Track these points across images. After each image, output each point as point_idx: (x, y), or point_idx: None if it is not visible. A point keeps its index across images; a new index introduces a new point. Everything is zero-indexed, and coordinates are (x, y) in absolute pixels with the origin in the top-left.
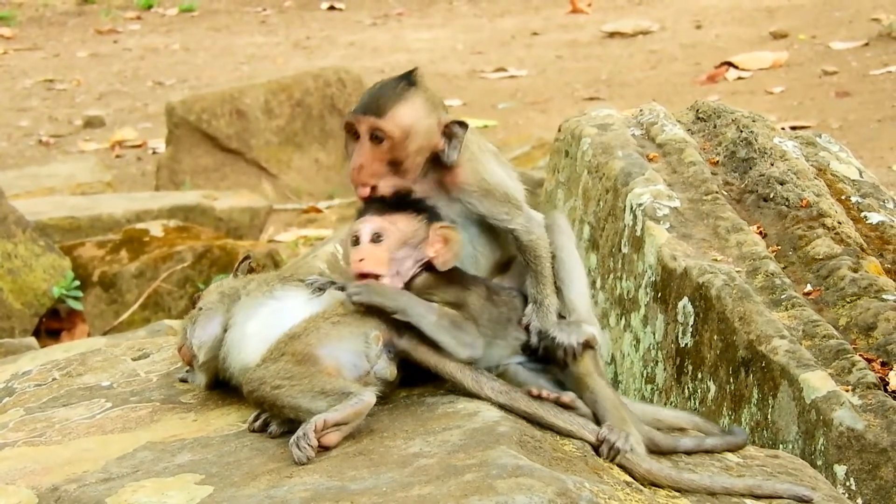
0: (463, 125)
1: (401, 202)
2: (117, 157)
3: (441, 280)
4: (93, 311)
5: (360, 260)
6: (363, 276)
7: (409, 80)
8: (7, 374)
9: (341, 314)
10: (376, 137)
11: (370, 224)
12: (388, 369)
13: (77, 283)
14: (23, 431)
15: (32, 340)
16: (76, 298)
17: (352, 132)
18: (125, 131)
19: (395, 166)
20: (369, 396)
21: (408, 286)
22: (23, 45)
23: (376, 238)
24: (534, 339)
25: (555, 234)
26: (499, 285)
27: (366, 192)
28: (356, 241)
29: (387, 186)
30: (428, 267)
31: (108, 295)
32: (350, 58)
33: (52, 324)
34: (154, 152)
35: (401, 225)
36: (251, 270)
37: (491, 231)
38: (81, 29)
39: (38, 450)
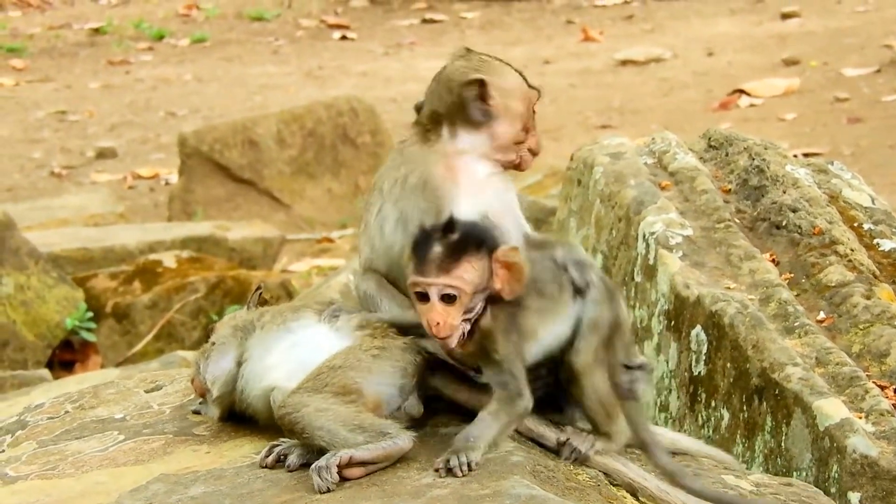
0: None
1: (461, 242)
2: (130, 188)
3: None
4: (106, 342)
5: (437, 324)
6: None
7: None
8: (20, 406)
9: (379, 346)
10: None
11: (438, 286)
12: (417, 406)
13: (90, 314)
14: (35, 464)
15: (45, 372)
16: (89, 330)
17: None
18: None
19: None
20: (405, 441)
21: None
22: (35, 76)
23: (448, 299)
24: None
25: None
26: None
27: None
28: (424, 298)
29: None
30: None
31: (121, 326)
32: (362, 87)
33: (66, 355)
34: (166, 183)
35: (469, 276)
36: (264, 302)
37: None
38: (93, 60)
39: (51, 483)
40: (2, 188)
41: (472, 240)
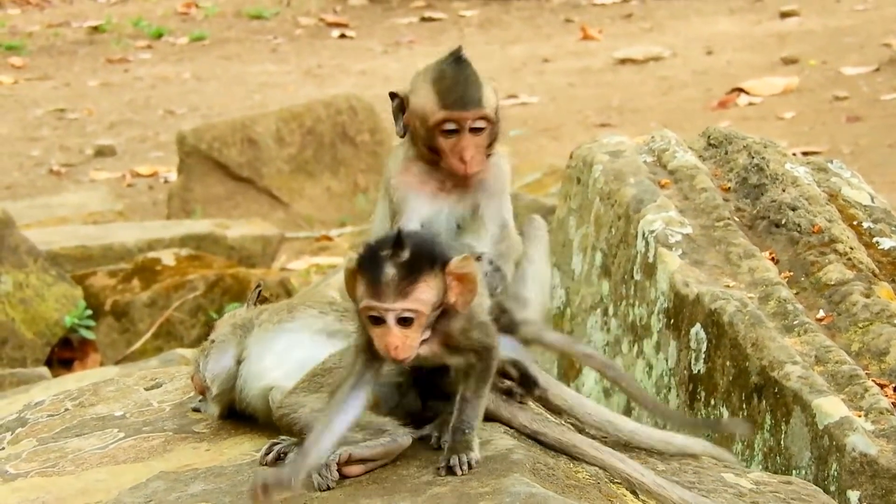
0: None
1: (415, 261)
2: (129, 186)
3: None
4: (105, 340)
5: (395, 348)
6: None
7: None
8: (20, 404)
9: None
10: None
11: (395, 311)
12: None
13: (89, 312)
14: (35, 462)
15: (45, 370)
16: (88, 328)
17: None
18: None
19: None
20: (404, 438)
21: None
22: (33, 74)
23: (405, 322)
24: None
25: (527, 241)
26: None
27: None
28: (379, 322)
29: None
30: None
31: (120, 324)
32: (361, 86)
33: (65, 353)
34: (165, 181)
35: (427, 297)
36: (264, 300)
37: None
38: (92, 58)
39: (51, 480)
40: (1, 186)
41: (424, 256)
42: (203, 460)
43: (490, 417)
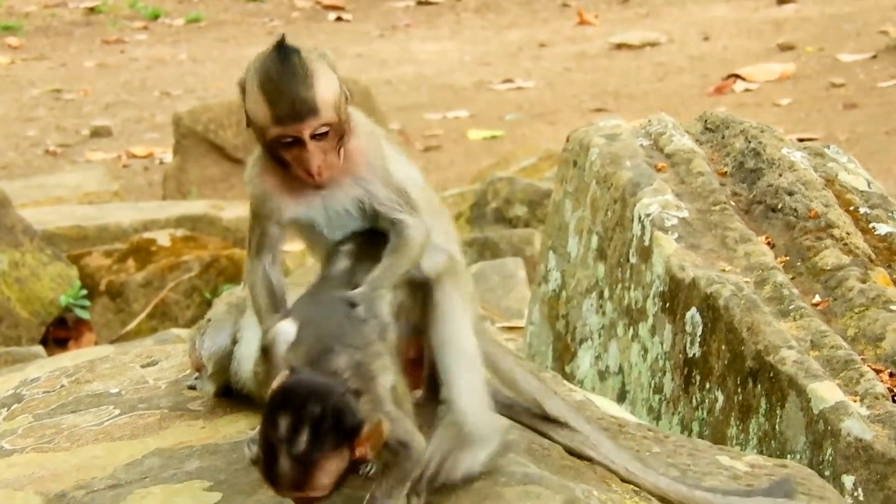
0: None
1: (315, 448)
2: (124, 166)
3: None
4: (100, 320)
5: None
6: None
7: None
8: (15, 380)
9: None
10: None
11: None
12: None
13: (84, 292)
14: (31, 438)
15: (40, 349)
16: (83, 307)
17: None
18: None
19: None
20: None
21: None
22: (30, 54)
23: (308, 501)
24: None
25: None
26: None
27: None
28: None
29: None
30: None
31: (115, 304)
32: (357, 69)
33: (59, 333)
34: (161, 162)
35: (328, 480)
36: None
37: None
38: (88, 39)
39: (47, 456)
40: None
41: (328, 437)
42: (199, 437)
43: None
